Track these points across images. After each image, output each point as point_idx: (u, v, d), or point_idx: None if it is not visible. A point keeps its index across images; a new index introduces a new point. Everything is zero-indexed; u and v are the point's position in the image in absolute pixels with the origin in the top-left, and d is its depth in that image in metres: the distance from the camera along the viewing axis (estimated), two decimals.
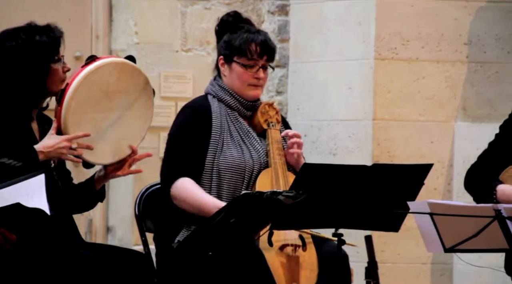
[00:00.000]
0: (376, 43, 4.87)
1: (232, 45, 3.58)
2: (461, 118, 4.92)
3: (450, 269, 4.87)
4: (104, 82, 3.30)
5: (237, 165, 3.54)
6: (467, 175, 3.46)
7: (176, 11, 5.04)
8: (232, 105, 3.62)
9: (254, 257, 3.38)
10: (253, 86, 3.60)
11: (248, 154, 3.57)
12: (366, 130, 4.90)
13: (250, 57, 3.57)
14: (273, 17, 5.18)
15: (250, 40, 3.57)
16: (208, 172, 3.54)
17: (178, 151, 3.55)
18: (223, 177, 3.53)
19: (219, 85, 3.65)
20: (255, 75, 3.59)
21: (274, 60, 3.64)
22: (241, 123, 3.63)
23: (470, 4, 4.90)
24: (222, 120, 3.59)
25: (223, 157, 3.54)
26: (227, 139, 3.58)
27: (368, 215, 3.20)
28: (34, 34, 3.26)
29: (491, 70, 4.93)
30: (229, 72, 3.62)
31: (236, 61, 3.59)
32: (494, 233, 2.94)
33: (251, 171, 3.55)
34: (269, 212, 3.15)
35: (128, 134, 3.39)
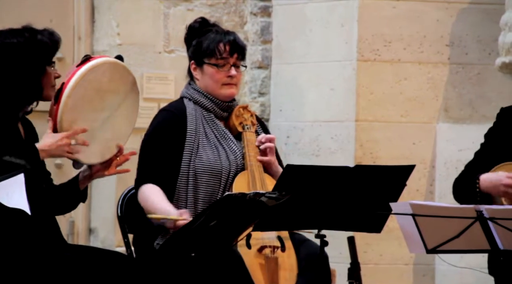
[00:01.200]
0: (358, 45, 4.88)
1: (201, 47, 3.59)
2: (443, 120, 4.94)
3: (432, 270, 4.88)
4: (98, 82, 3.33)
5: (213, 167, 3.54)
6: (455, 184, 3.47)
7: (159, 12, 5.03)
8: (208, 107, 3.63)
9: (233, 259, 3.38)
10: (227, 85, 3.60)
11: (225, 156, 3.57)
12: (349, 131, 4.91)
13: (220, 56, 3.58)
14: (256, 18, 5.18)
15: (217, 40, 3.57)
16: (184, 175, 3.53)
17: (148, 156, 3.56)
18: (199, 179, 3.53)
19: (193, 88, 3.66)
20: (228, 73, 3.59)
21: (245, 58, 3.63)
22: (218, 124, 3.63)
23: (452, 5, 4.92)
24: (197, 122, 3.59)
25: (199, 159, 3.54)
26: (203, 141, 3.58)
27: (350, 216, 3.20)
28: (36, 34, 3.28)
29: (472, 71, 4.95)
30: (202, 75, 3.62)
31: (206, 63, 3.60)
32: (476, 234, 2.95)
33: (228, 173, 3.55)
34: (251, 213, 3.14)
35: (116, 134, 3.41)
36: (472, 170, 3.44)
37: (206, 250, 3.25)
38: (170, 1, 5.05)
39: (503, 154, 3.36)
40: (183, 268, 3.39)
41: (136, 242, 3.64)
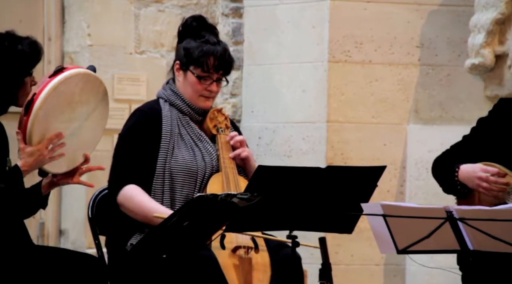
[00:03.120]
0: (330, 46, 4.90)
1: (191, 55, 3.58)
2: (413, 121, 4.97)
3: (403, 270, 4.91)
4: (70, 93, 3.31)
5: (189, 167, 3.54)
6: (435, 162, 3.48)
7: (130, 13, 5.01)
8: (184, 110, 3.63)
9: (207, 260, 3.37)
10: (204, 98, 3.62)
11: (200, 157, 3.58)
12: (320, 132, 4.92)
13: (206, 70, 3.59)
14: (227, 19, 5.18)
15: (209, 53, 3.57)
16: (160, 176, 3.53)
17: (125, 157, 3.55)
18: (175, 180, 3.53)
19: (171, 90, 3.66)
20: (208, 87, 3.61)
21: (229, 73, 3.65)
22: (193, 127, 3.64)
23: (422, 7, 4.95)
24: (172, 123, 3.59)
25: (175, 160, 3.54)
26: (178, 142, 3.58)
27: (322, 217, 3.21)
28: (16, 43, 3.24)
29: (442, 73, 4.99)
30: (183, 79, 3.63)
31: (191, 71, 3.60)
32: (445, 235, 2.97)
33: (203, 174, 3.56)
34: (223, 214, 3.14)
35: (84, 144, 3.39)
36: (456, 153, 3.43)
37: (179, 250, 3.25)
38: (140, 2, 5.04)
39: (488, 147, 3.37)
40: (156, 269, 3.38)
41: (108, 244, 3.63)
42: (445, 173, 3.40)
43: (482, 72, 4.71)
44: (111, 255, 3.59)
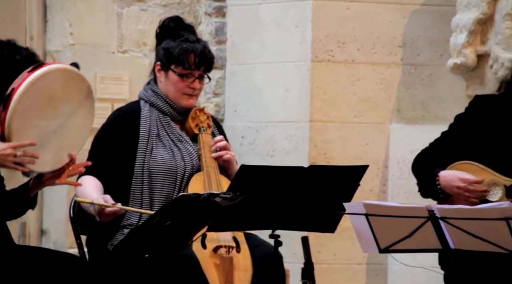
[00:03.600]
0: (312, 46, 4.90)
1: (171, 54, 3.59)
2: (396, 120, 4.98)
3: (385, 270, 4.92)
4: (50, 89, 3.27)
5: (168, 167, 3.54)
6: (416, 159, 3.49)
7: (112, 12, 5.00)
8: (164, 110, 3.63)
9: (187, 260, 3.37)
10: (187, 96, 3.62)
11: (180, 157, 3.58)
12: (303, 132, 4.92)
13: (188, 67, 3.59)
14: (210, 19, 5.18)
15: (189, 50, 3.58)
16: (139, 176, 3.53)
17: (94, 152, 3.57)
18: (155, 180, 3.53)
19: (152, 90, 3.65)
20: (191, 85, 3.61)
21: (211, 70, 3.66)
22: (173, 127, 3.63)
23: (404, 7, 4.96)
24: (151, 124, 3.59)
25: (153, 160, 3.54)
26: (157, 143, 3.58)
27: (304, 216, 3.22)
28: (15, 53, 3.23)
29: (424, 72, 5.00)
30: (165, 79, 3.63)
31: (172, 70, 3.60)
32: (427, 234, 2.98)
33: (183, 174, 3.55)
34: (206, 214, 3.14)
35: (69, 143, 3.36)
36: (436, 151, 3.44)
37: (161, 250, 3.24)
38: (123, 1, 5.02)
39: (467, 144, 3.38)
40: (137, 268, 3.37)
41: (89, 243, 3.62)
42: (426, 177, 3.41)
43: (464, 71, 4.73)
44: (92, 255, 3.58)
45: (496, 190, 3.33)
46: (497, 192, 3.33)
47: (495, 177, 3.33)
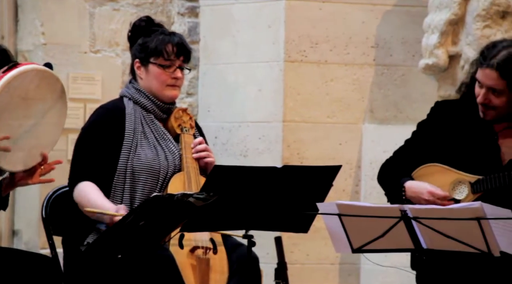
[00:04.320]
0: (285, 46, 4.91)
1: (148, 47, 3.58)
2: (369, 120, 5.00)
3: (358, 269, 4.94)
4: (24, 89, 3.26)
5: (151, 166, 3.53)
6: (381, 169, 3.52)
7: (84, 11, 4.97)
8: (148, 108, 3.62)
9: (164, 259, 3.36)
10: (171, 87, 3.61)
11: (163, 156, 3.57)
12: (276, 132, 4.93)
13: (167, 57, 3.58)
14: (183, 19, 5.17)
15: (166, 41, 3.58)
16: (122, 174, 3.51)
17: (83, 153, 3.53)
18: (137, 178, 3.52)
19: (134, 88, 3.64)
20: (173, 75, 3.60)
21: (189, 61, 3.65)
22: (157, 125, 3.63)
23: (377, 8, 4.99)
24: (136, 121, 3.58)
25: (137, 158, 3.53)
26: (142, 141, 3.57)
27: (278, 216, 3.22)
28: None
29: (397, 73, 5.03)
30: (146, 74, 3.61)
31: (152, 62, 3.59)
32: (400, 233, 3.00)
33: (166, 173, 3.55)
34: (180, 214, 3.14)
35: (41, 142, 3.35)
36: (399, 160, 3.47)
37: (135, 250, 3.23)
38: (95, 1, 5.00)
39: (430, 150, 3.41)
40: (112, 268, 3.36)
41: (64, 244, 3.60)
42: (392, 187, 3.43)
43: (435, 72, 4.76)
44: (67, 255, 3.56)
45: (462, 188, 3.37)
46: (463, 190, 3.37)
47: (459, 176, 3.36)
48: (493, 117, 3.38)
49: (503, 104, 3.35)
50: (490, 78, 3.33)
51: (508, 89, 3.34)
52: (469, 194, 3.36)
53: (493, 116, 3.37)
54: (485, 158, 3.36)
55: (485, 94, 3.34)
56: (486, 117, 3.38)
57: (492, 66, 3.33)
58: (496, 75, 3.33)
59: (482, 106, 3.37)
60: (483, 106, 3.36)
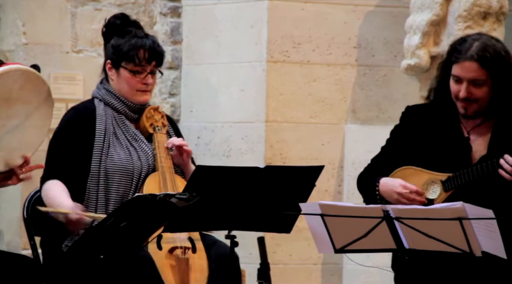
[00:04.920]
0: (268, 46, 4.91)
1: (120, 51, 3.57)
2: (351, 121, 5.01)
3: (340, 270, 4.95)
4: (7, 89, 3.23)
5: (125, 167, 3.52)
6: (359, 178, 3.53)
7: (66, 11, 4.96)
8: (119, 109, 3.61)
9: (143, 261, 3.36)
10: (141, 92, 3.60)
11: (136, 156, 3.56)
12: (259, 132, 4.93)
13: (138, 63, 3.57)
14: (165, 19, 5.16)
15: (138, 46, 3.56)
16: (95, 175, 3.50)
17: (54, 154, 3.53)
18: (111, 180, 3.50)
19: (105, 89, 3.63)
20: (143, 81, 3.59)
21: (162, 64, 3.64)
22: (128, 126, 3.61)
23: (358, 8, 5.00)
24: (107, 122, 3.57)
25: (110, 159, 3.52)
26: (113, 142, 3.56)
27: (260, 216, 3.22)
28: None
29: (379, 73, 5.04)
30: (117, 77, 3.61)
31: (124, 67, 3.58)
32: (382, 234, 3.00)
33: (139, 174, 3.54)
34: (162, 214, 3.13)
35: (23, 144, 3.32)
36: (376, 166, 3.50)
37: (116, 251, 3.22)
38: (77, 1, 4.98)
39: (404, 154, 3.44)
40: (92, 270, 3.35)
41: (43, 245, 3.58)
42: (367, 187, 3.45)
43: (417, 72, 4.78)
44: (46, 256, 3.55)
45: (435, 187, 3.39)
46: (435, 189, 3.39)
47: (432, 175, 3.38)
48: (475, 111, 3.39)
49: (485, 94, 3.37)
50: (470, 70, 3.34)
51: (490, 78, 3.35)
52: (441, 193, 3.38)
53: (475, 109, 3.39)
54: (456, 157, 3.38)
55: (467, 88, 3.35)
56: (468, 112, 3.39)
57: (472, 58, 3.33)
58: (476, 66, 3.33)
59: (463, 102, 3.38)
60: (465, 101, 3.37)
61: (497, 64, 3.33)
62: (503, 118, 3.40)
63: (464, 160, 3.38)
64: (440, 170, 3.39)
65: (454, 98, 3.40)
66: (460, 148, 3.40)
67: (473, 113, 3.39)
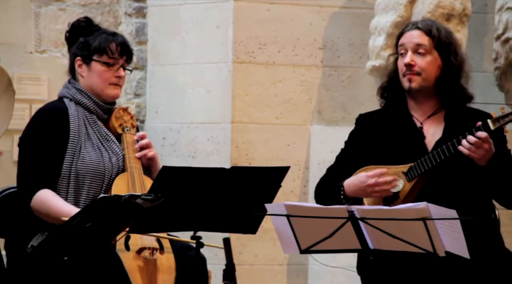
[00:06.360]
0: (234, 47, 4.91)
1: (91, 45, 3.55)
2: (317, 122, 5.03)
3: (306, 270, 4.97)
4: None
5: (96, 168, 3.50)
6: (317, 188, 3.54)
7: (30, 11, 4.92)
8: (91, 108, 3.58)
9: (111, 262, 3.34)
10: (113, 85, 3.58)
11: (107, 158, 3.54)
12: (225, 133, 4.93)
13: (111, 55, 3.56)
14: (131, 19, 5.14)
15: (110, 39, 3.56)
16: (66, 177, 3.47)
17: (33, 160, 3.47)
18: (81, 181, 3.48)
19: (75, 88, 3.60)
20: (116, 73, 3.57)
21: (131, 62, 3.64)
22: (100, 126, 3.59)
23: (324, 9, 5.02)
24: (80, 123, 3.54)
25: (82, 161, 3.49)
26: (86, 142, 3.53)
27: (226, 217, 3.22)
28: None
29: (344, 74, 5.07)
30: (88, 72, 3.58)
31: (96, 60, 3.56)
32: (347, 234, 3.02)
33: (110, 175, 3.52)
34: (127, 215, 3.12)
35: None
36: (333, 174, 3.52)
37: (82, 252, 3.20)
38: (41, 1, 4.95)
39: (362, 159, 3.47)
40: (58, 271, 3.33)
41: (7, 246, 3.55)
42: (329, 194, 3.46)
43: (382, 73, 4.79)
44: (11, 258, 3.52)
45: (399, 181, 3.42)
46: (399, 182, 3.42)
47: (393, 169, 3.42)
48: (419, 85, 3.43)
49: (428, 65, 3.41)
50: (414, 36, 3.42)
51: (434, 45, 3.41)
52: (405, 183, 3.41)
53: (419, 83, 3.43)
54: (413, 149, 3.42)
55: (411, 55, 3.41)
56: (412, 84, 3.43)
57: (415, 26, 3.44)
58: (420, 33, 3.43)
59: (408, 73, 3.42)
60: (409, 71, 3.42)
61: (440, 36, 3.43)
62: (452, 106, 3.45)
63: (420, 150, 3.42)
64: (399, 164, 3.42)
65: (401, 74, 3.44)
66: (414, 139, 3.44)
67: (417, 86, 3.43)
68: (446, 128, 3.43)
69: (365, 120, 3.55)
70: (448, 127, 3.43)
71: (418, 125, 3.46)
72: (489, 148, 3.29)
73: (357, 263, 3.46)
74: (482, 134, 3.28)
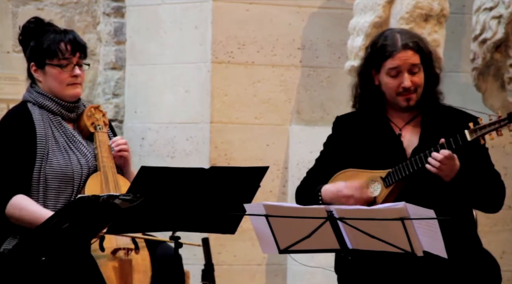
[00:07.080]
0: (213, 47, 4.91)
1: (41, 49, 3.50)
2: (296, 122, 5.04)
3: (284, 270, 4.97)
4: None
5: (64, 172, 3.46)
6: (298, 191, 3.53)
7: (7, 11, 4.89)
8: (54, 110, 3.54)
9: (86, 263, 3.33)
10: (72, 85, 3.54)
11: (76, 160, 3.50)
12: (204, 133, 4.93)
13: (62, 56, 3.51)
14: (109, 19, 5.12)
15: (58, 39, 3.51)
16: (35, 182, 3.44)
17: (4, 167, 3.44)
18: (50, 186, 3.44)
19: (37, 92, 3.56)
20: (72, 73, 3.53)
21: (87, 57, 3.59)
22: (66, 127, 3.55)
23: (303, 10, 5.03)
24: (45, 127, 3.50)
25: (49, 165, 3.45)
26: (53, 146, 3.49)
27: (205, 217, 3.22)
28: None
29: (323, 74, 5.08)
30: (44, 76, 3.54)
31: (49, 64, 3.52)
32: (326, 234, 3.02)
33: (80, 178, 3.48)
34: (105, 216, 3.11)
35: None
36: (313, 177, 3.52)
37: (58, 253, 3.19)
38: (18, 0, 4.92)
39: (341, 161, 3.47)
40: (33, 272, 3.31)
41: None
42: (309, 198, 3.47)
43: None
44: None
45: (376, 185, 3.43)
46: (376, 187, 3.43)
47: (371, 174, 3.43)
48: (415, 101, 3.45)
49: (421, 80, 3.44)
50: (408, 57, 3.41)
51: (421, 60, 3.43)
52: (382, 189, 3.42)
53: (415, 99, 3.46)
54: (391, 155, 3.43)
55: (409, 77, 3.42)
56: (410, 103, 3.45)
57: (406, 46, 3.41)
58: (412, 52, 3.41)
59: (407, 93, 3.43)
60: (408, 91, 3.43)
61: (424, 49, 3.45)
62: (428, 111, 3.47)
63: (399, 156, 3.43)
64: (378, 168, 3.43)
65: (394, 93, 3.45)
66: (393, 146, 3.45)
67: (414, 103, 3.46)
68: (422, 135, 3.45)
69: (343, 122, 3.56)
70: (424, 134, 3.45)
71: (397, 132, 3.47)
72: (452, 165, 3.31)
73: (335, 263, 3.47)
74: (445, 153, 3.30)
